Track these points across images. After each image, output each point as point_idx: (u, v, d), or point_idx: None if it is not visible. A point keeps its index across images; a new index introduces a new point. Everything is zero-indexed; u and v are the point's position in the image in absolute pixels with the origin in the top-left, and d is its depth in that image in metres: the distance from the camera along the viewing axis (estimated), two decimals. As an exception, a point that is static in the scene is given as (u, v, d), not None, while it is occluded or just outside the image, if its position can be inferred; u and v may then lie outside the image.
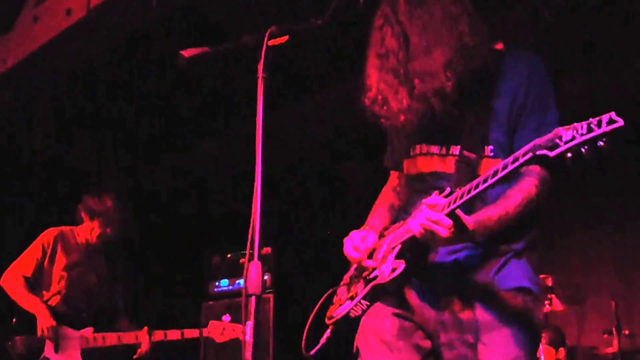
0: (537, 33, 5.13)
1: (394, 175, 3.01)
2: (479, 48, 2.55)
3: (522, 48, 2.78)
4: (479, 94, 2.60)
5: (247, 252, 2.04)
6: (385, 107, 2.63)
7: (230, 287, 7.00)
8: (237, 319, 6.34)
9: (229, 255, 7.17)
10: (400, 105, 2.58)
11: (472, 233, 2.38)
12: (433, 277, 2.59)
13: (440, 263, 2.57)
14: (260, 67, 2.26)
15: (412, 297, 2.63)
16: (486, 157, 2.54)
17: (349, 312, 2.64)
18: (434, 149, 2.68)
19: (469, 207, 2.44)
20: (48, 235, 5.38)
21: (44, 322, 4.99)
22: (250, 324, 1.99)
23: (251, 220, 2.08)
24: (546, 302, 5.92)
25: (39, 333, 4.98)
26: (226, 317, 6.40)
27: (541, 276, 5.75)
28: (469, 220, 2.36)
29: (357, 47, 2.79)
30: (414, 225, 2.40)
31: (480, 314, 2.50)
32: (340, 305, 2.72)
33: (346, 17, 2.55)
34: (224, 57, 2.30)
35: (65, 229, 5.46)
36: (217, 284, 7.09)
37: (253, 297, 2.01)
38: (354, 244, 2.70)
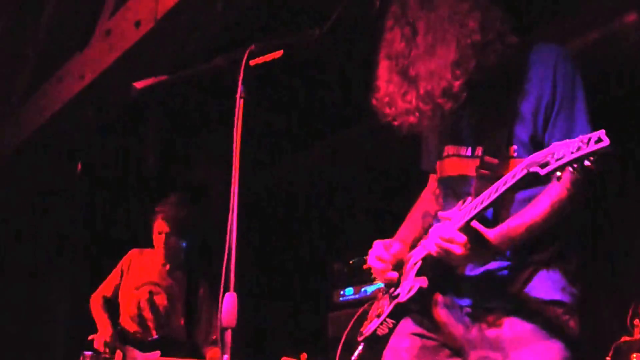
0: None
1: (432, 178, 3.02)
2: (493, 44, 2.53)
3: (550, 40, 2.72)
4: (502, 91, 2.60)
5: (222, 282, 2.10)
6: (393, 108, 2.65)
7: (357, 296, 6.79)
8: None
9: (351, 262, 7.01)
10: (409, 106, 2.60)
11: (496, 247, 2.40)
12: (460, 291, 2.62)
13: (467, 277, 2.59)
14: (239, 88, 2.31)
15: (439, 313, 2.66)
16: (512, 158, 2.53)
17: (375, 330, 2.70)
18: (461, 150, 2.70)
19: (497, 213, 2.48)
20: (127, 256, 5.66)
21: (101, 336, 5.26)
22: (226, 357, 2.05)
23: (226, 247, 2.14)
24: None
25: (96, 345, 5.23)
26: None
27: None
28: (490, 234, 2.39)
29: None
30: (429, 245, 2.45)
31: (508, 330, 2.50)
32: (370, 322, 2.78)
33: (356, 25, 2.56)
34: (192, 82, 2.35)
35: (147, 250, 5.66)
36: (341, 292, 6.94)
37: (229, 331, 2.07)
38: (377, 253, 2.75)
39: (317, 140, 7.44)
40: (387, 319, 2.66)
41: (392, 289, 2.71)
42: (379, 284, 2.80)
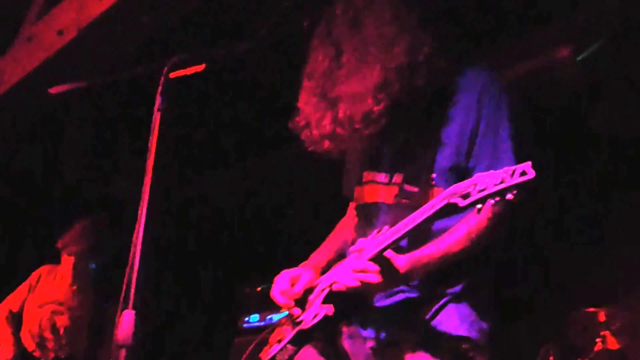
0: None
1: (351, 205, 2.95)
2: (421, 67, 2.50)
3: (479, 63, 2.70)
4: (426, 116, 2.56)
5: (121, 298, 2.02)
6: (308, 133, 2.62)
7: (261, 323, 6.64)
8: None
9: (258, 289, 6.89)
10: (323, 131, 2.57)
11: (404, 276, 2.36)
12: (366, 323, 2.56)
13: (375, 308, 2.53)
14: (157, 99, 2.26)
15: (343, 344, 2.59)
16: (433, 187, 2.48)
17: (274, 356, 2.61)
18: (379, 176, 2.65)
19: (413, 242, 2.42)
20: (37, 271, 5.54)
21: (3, 354, 5.12)
22: (120, 378, 1.98)
23: (129, 262, 2.07)
24: (598, 339, 5.63)
25: None
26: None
27: (590, 310, 5.56)
28: (400, 263, 2.33)
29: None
30: (342, 279, 2.38)
31: None
32: (270, 347, 2.69)
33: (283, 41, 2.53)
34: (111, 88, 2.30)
35: (59, 267, 5.54)
36: (246, 319, 6.80)
37: (123, 350, 1.99)
38: (282, 287, 2.67)
39: (235, 159, 7.38)
40: (288, 345, 2.57)
41: (296, 315, 2.63)
42: (287, 312, 2.76)
